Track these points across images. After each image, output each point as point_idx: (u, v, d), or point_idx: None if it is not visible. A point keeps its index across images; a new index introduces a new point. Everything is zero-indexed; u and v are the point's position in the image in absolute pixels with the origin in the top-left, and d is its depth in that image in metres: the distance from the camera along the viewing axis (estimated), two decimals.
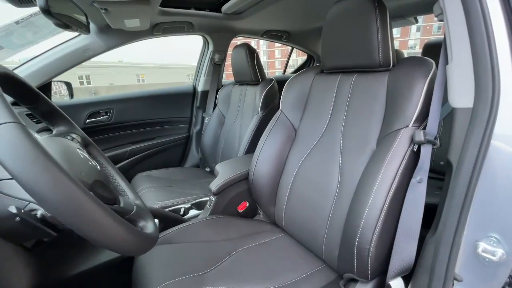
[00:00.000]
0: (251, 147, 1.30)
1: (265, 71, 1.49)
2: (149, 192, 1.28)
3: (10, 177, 0.42)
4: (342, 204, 0.70)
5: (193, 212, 1.20)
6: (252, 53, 1.41)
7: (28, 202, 0.43)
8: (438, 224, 0.51)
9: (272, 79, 1.42)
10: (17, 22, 1.15)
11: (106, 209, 0.37)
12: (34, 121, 1.22)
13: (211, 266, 0.72)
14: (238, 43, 1.52)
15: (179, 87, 1.91)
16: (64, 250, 0.69)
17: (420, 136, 0.57)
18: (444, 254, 0.47)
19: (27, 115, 1.20)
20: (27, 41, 1.25)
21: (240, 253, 0.78)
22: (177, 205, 1.18)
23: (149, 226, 0.53)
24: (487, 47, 0.42)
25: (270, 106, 1.37)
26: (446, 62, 0.51)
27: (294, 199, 0.85)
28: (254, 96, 1.43)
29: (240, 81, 1.59)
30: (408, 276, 0.59)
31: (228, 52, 1.82)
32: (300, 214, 0.82)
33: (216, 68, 1.85)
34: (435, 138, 0.56)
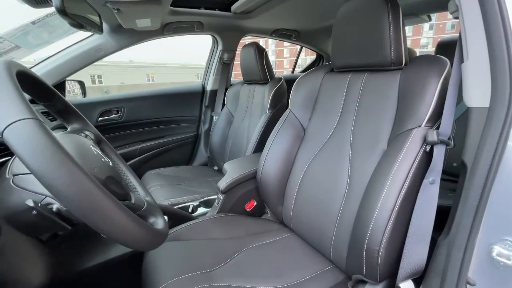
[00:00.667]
0: (259, 146, 1.30)
1: (274, 70, 1.49)
2: (158, 189, 1.30)
3: (27, 172, 0.44)
4: (351, 205, 0.69)
5: (201, 209, 1.21)
6: (261, 52, 1.41)
7: (44, 196, 0.44)
8: (451, 227, 0.50)
9: (280, 78, 1.42)
10: (33, 23, 1.19)
11: (119, 204, 0.38)
12: (49, 119, 1.26)
13: (219, 263, 0.72)
14: (247, 42, 1.52)
15: (188, 86, 1.93)
16: (77, 244, 0.71)
17: (433, 136, 0.55)
18: (457, 258, 0.46)
19: (42, 112, 1.23)
20: (43, 41, 1.28)
21: (248, 252, 0.78)
22: (185, 202, 1.19)
23: (159, 222, 0.54)
24: (504, 44, 0.41)
25: (279, 106, 1.37)
26: (461, 60, 0.50)
27: (302, 199, 0.85)
28: (263, 95, 1.43)
29: (248, 80, 1.59)
30: (419, 279, 0.58)
31: (237, 51, 1.82)
32: (308, 214, 0.82)
33: (225, 67, 1.86)
34: (448, 139, 0.55)
